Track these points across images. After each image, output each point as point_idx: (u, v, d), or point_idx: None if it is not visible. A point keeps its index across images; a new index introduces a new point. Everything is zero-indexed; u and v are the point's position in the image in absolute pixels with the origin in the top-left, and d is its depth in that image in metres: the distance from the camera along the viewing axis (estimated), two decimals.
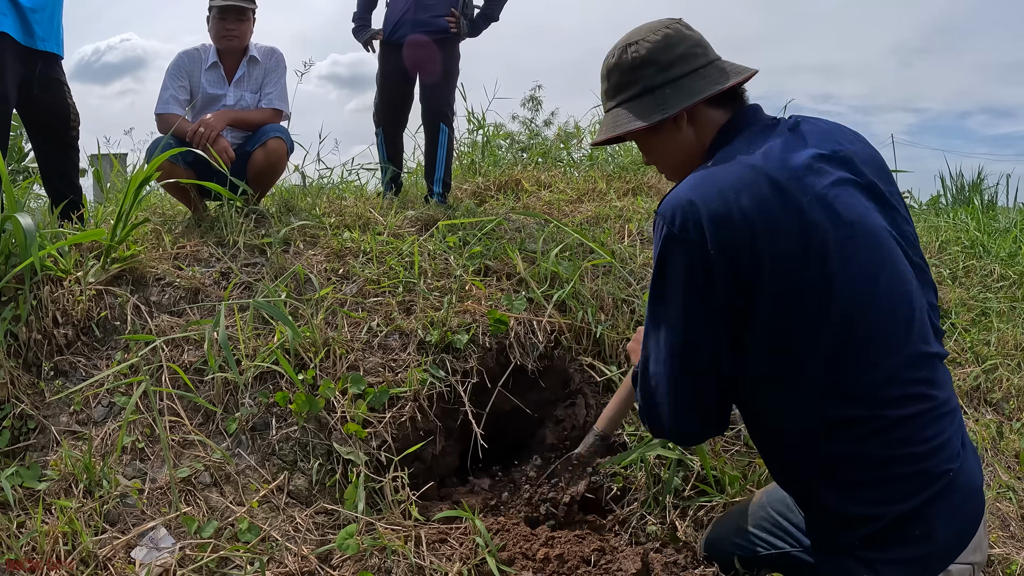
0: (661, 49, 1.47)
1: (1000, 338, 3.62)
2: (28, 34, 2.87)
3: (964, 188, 7.75)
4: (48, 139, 3.09)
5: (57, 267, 2.47)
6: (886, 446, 1.31)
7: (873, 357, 1.32)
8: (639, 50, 1.49)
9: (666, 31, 1.49)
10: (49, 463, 1.99)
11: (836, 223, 1.33)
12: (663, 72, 1.47)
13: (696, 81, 1.46)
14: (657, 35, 1.49)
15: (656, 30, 1.50)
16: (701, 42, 1.51)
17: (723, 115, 1.49)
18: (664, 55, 1.47)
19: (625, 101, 1.52)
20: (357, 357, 2.34)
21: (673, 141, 1.51)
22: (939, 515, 1.31)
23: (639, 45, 1.49)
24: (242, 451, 2.10)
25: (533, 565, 1.79)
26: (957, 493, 1.34)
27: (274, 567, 1.76)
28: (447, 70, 3.79)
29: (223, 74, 3.38)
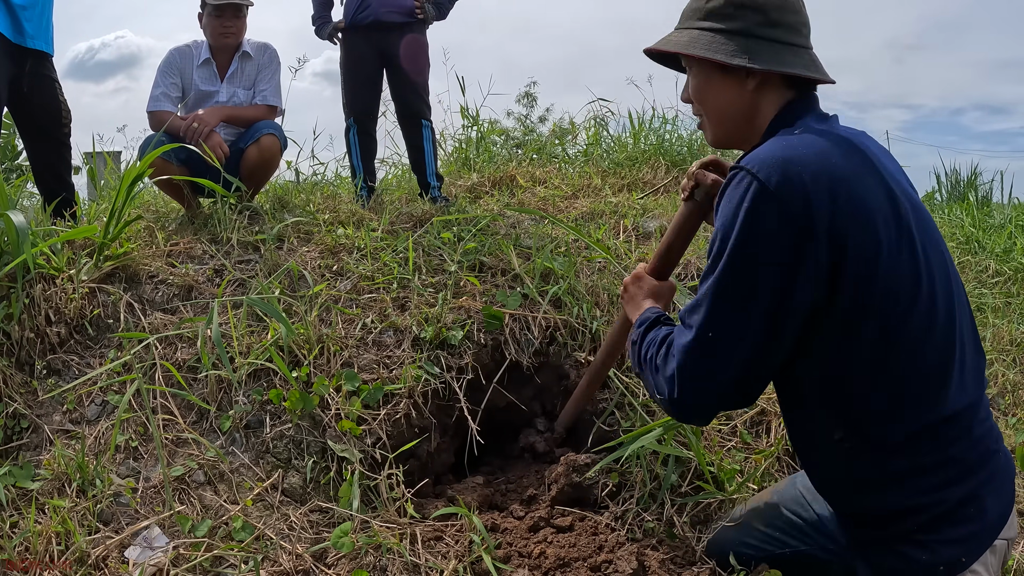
0: (777, 6, 1.40)
1: (995, 334, 3.62)
2: (18, 32, 2.86)
3: (959, 184, 7.76)
4: (39, 136, 3.08)
5: (50, 265, 2.46)
6: (953, 433, 1.31)
7: (954, 351, 1.31)
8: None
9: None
10: (42, 462, 1.98)
11: (912, 204, 1.30)
12: (767, 27, 1.39)
13: (789, 54, 1.39)
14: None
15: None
16: (808, 25, 1.45)
17: (789, 96, 1.42)
18: (776, 13, 1.40)
19: (714, 30, 1.41)
20: (351, 354, 2.33)
21: (735, 94, 1.42)
22: (990, 494, 1.31)
23: None
24: (236, 449, 2.09)
25: (529, 563, 1.79)
26: (1002, 471, 1.35)
27: (268, 566, 1.76)
28: (418, 60, 3.70)
29: (215, 71, 3.36)
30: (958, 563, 1.30)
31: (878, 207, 1.24)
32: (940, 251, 1.33)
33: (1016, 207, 6.86)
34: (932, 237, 1.33)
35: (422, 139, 3.74)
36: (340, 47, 3.74)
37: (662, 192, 4.33)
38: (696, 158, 4.79)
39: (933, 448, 1.30)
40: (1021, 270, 4.47)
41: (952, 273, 1.35)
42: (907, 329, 1.26)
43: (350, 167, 3.84)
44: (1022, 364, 3.55)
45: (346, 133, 3.78)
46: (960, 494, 1.30)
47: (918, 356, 1.28)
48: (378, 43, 3.63)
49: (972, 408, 1.34)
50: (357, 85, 3.71)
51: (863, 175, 1.26)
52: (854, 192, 1.22)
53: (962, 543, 1.30)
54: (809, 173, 1.20)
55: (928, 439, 1.30)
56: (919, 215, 1.32)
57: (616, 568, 1.74)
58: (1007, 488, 1.37)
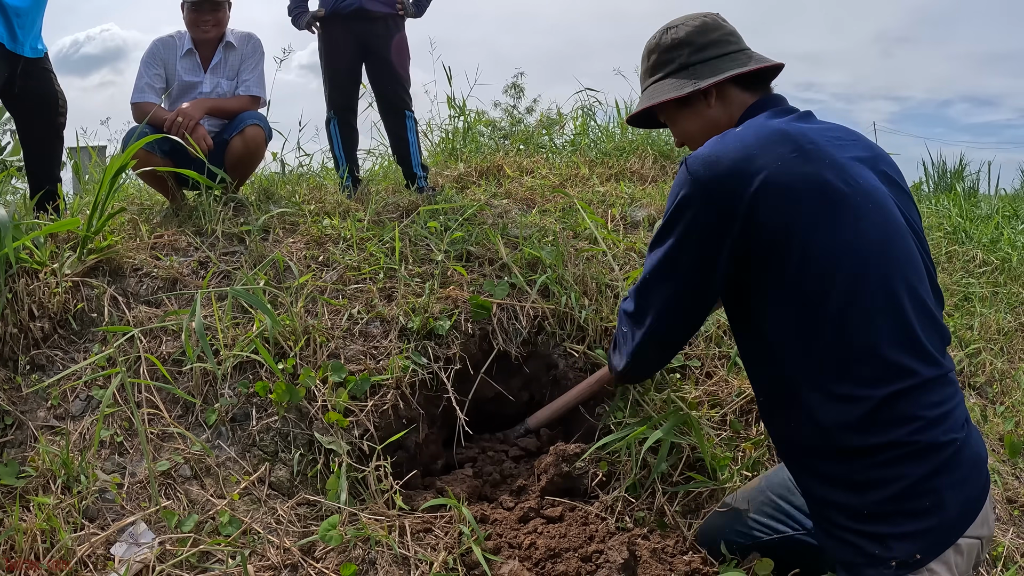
0: (698, 32, 1.62)
1: (983, 323, 3.65)
2: (12, 39, 2.87)
3: (946, 175, 7.80)
4: (35, 125, 3.08)
5: (32, 259, 2.42)
6: (894, 415, 1.31)
7: (881, 320, 1.33)
8: (678, 33, 1.64)
9: (704, 19, 1.65)
10: (27, 459, 1.95)
11: (853, 188, 1.36)
12: (697, 52, 1.61)
13: (727, 62, 1.59)
14: (695, 21, 1.65)
15: (695, 17, 1.67)
16: (734, 32, 1.66)
17: (751, 97, 1.60)
18: (700, 38, 1.62)
19: (662, 77, 1.65)
20: (338, 345, 2.31)
21: (703, 117, 1.62)
22: (947, 486, 1.30)
23: (678, 29, 1.65)
24: (222, 443, 2.07)
25: (520, 553, 1.78)
26: (964, 465, 1.33)
27: (256, 560, 1.74)
28: (402, 53, 3.69)
29: (199, 61, 3.32)
30: (912, 560, 1.28)
31: (805, 191, 1.34)
32: (890, 232, 1.39)
33: (1003, 198, 6.92)
34: (883, 218, 1.38)
35: (406, 130, 3.71)
36: (318, 37, 3.70)
37: (650, 181, 4.33)
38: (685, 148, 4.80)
39: (874, 429, 1.30)
40: (1008, 260, 4.50)
41: (904, 255, 1.38)
42: (828, 304, 1.32)
43: (333, 158, 3.81)
44: (1010, 353, 3.57)
45: (327, 124, 3.75)
46: (908, 482, 1.29)
47: (845, 331, 1.32)
48: (359, 33, 3.59)
49: (919, 391, 1.32)
50: (338, 76, 3.68)
51: (790, 163, 1.36)
52: (772, 179, 1.34)
53: (916, 538, 1.28)
54: (728, 163, 1.37)
55: (866, 418, 1.30)
56: (871, 198, 1.39)
57: (607, 558, 1.73)
58: (973, 481, 1.35)
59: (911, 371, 1.32)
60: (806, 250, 1.33)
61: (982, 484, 1.37)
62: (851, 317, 1.32)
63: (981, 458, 1.39)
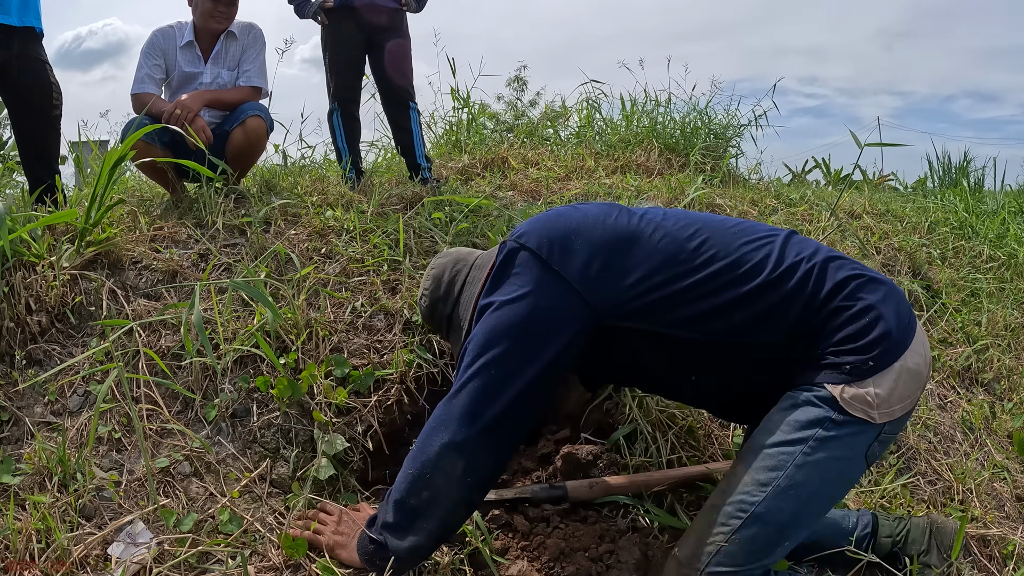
0: (434, 290, 1.86)
1: (990, 319, 3.63)
2: (4, 11, 2.77)
3: (951, 170, 7.78)
4: (29, 116, 3.00)
5: (30, 252, 2.38)
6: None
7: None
8: (423, 301, 1.90)
9: (432, 272, 1.89)
10: (23, 456, 1.90)
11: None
12: (446, 302, 1.85)
13: (468, 290, 1.80)
14: (428, 280, 1.89)
15: (426, 276, 1.90)
16: (457, 258, 1.89)
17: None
18: (439, 292, 1.85)
19: (446, 337, 1.94)
20: (341, 339, 2.27)
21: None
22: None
23: (422, 298, 1.91)
24: (222, 439, 2.03)
25: (528, 554, 1.74)
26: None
27: (257, 560, 1.70)
28: (406, 44, 3.66)
29: (199, 52, 3.27)
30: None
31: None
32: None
33: (1008, 194, 6.90)
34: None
35: (410, 121, 3.68)
36: (323, 28, 3.65)
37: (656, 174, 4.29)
38: (689, 142, 4.76)
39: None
40: (1014, 256, 4.48)
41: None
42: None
43: (335, 150, 3.77)
44: (1017, 349, 3.55)
45: (329, 116, 3.71)
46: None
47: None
48: (365, 25, 3.56)
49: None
50: (343, 67, 3.64)
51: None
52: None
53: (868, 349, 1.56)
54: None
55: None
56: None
57: (619, 558, 1.69)
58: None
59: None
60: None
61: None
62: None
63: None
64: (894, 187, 7.76)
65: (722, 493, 1.54)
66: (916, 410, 2.78)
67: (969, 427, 2.91)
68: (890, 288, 1.61)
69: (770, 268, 1.57)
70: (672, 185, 3.80)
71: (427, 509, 1.52)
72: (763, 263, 1.58)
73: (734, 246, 1.60)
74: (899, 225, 4.42)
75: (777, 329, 1.55)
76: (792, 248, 1.62)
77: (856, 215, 4.28)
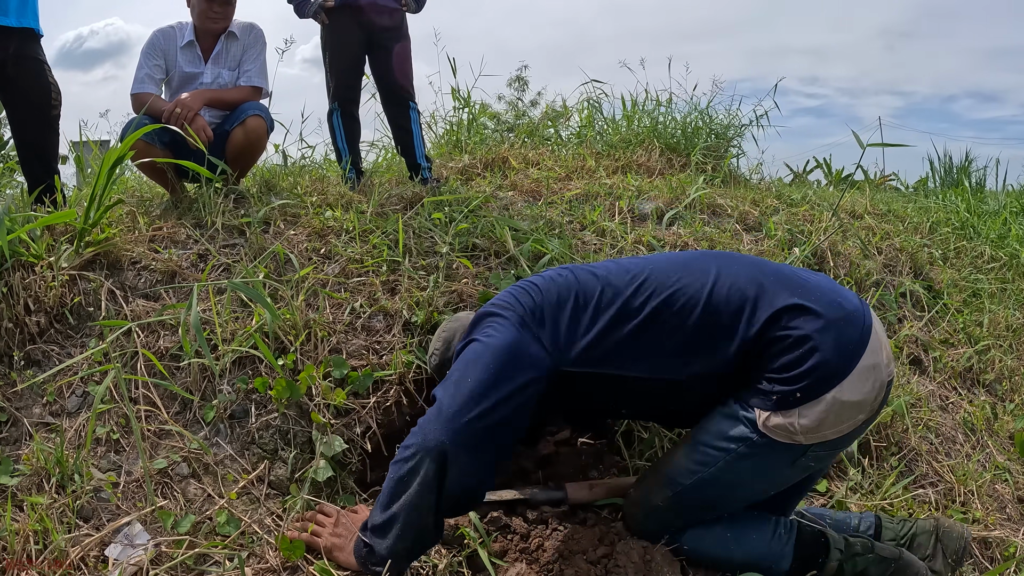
0: (444, 351, 1.96)
1: (992, 319, 3.63)
2: (2, 12, 2.76)
3: (952, 170, 7.77)
4: (28, 117, 2.99)
5: (29, 252, 2.37)
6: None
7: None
8: (434, 359, 2.00)
9: (443, 335, 1.99)
10: (21, 457, 1.90)
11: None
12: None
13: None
14: (439, 342, 2.00)
15: (437, 338, 2.02)
16: (465, 323, 1.94)
17: None
18: (448, 353, 1.93)
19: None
20: (340, 339, 2.27)
21: None
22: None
23: (432, 356, 2.01)
24: (220, 440, 2.02)
25: (527, 557, 1.73)
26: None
27: (254, 562, 1.69)
28: (406, 45, 3.66)
29: (199, 52, 3.27)
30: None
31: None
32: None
33: (1010, 194, 6.89)
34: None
35: (409, 121, 3.68)
36: (323, 27, 3.64)
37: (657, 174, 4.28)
38: (691, 141, 4.75)
39: None
40: (1016, 256, 4.48)
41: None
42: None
43: (335, 150, 3.76)
44: (1018, 350, 3.55)
45: (329, 116, 3.70)
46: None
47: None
48: (366, 25, 3.55)
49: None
50: (343, 67, 3.63)
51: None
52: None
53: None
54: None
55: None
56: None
57: (617, 562, 1.69)
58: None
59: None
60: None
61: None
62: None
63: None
64: (895, 187, 7.76)
65: (664, 464, 1.81)
66: (917, 411, 2.77)
67: (971, 428, 2.90)
68: (831, 320, 1.62)
69: (703, 304, 1.67)
70: (673, 185, 3.78)
71: (403, 513, 1.58)
72: (696, 299, 1.68)
73: (669, 283, 1.72)
74: (901, 225, 4.42)
75: (713, 360, 1.67)
76: (725, 280, 1.70)
77: (858, 215, 4.27)
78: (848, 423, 1.64)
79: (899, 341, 3.14)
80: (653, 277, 1.74)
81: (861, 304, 1.71)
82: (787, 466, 1.70)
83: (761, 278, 1.71)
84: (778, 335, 1.62)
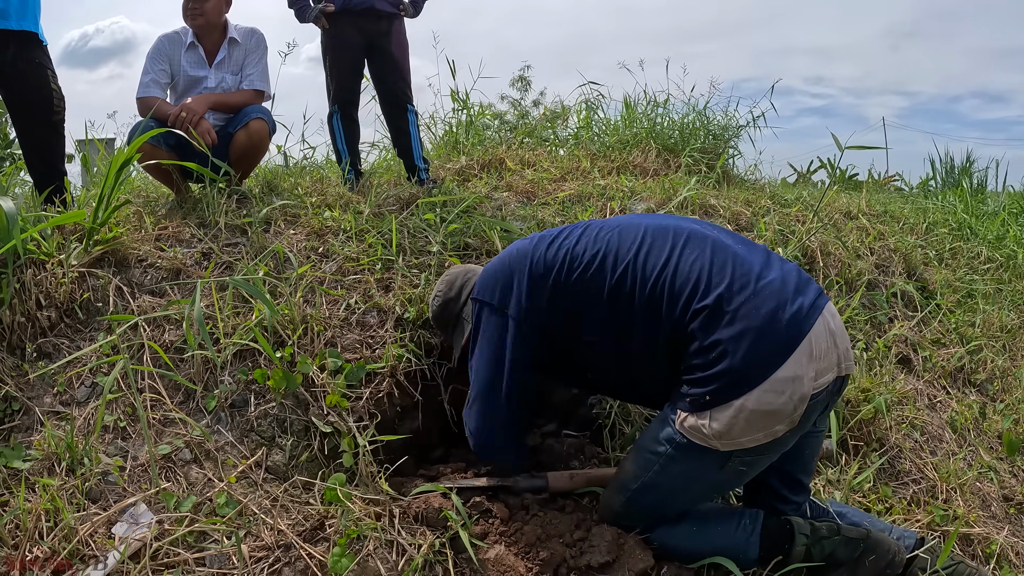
0: (447, 292, 2.18)
1: (985, 320, 3.63)
2: (2, 16, 2.76)
3: (954, 171, 7.75)
4: (30, 123, 3.00)
5: (40, 250, 2.48)
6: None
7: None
8: (436, 301, 2.21)
9: (446, 279, 2.22)
10: (33, 443, 2.01)
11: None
12: (456, 302, 2.16)
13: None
14: (442, 284, 2.21)
15: (440, 282, 2.23)
16: (468, 269, 2.21)
17: None
18: (451, 293, 2.17)
19: (450, 336, 2.23)
20: (335, 334, 2.36)
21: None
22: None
23: (435, 299, 2.22)
24: (221, 428, 2.13)
25: (507, 539, 1.82)
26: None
27: (251, 540, 1.79)
28: (404, 48, 3.74)
29: (203, 55, 3.36)
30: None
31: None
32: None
33: (1010, 195, 6.86)
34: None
35: (408, 124, 3.75)
36: (323, 32, 3.73)
37: (651, 175, 4.33)
38: (688, 143, 4.80)
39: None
40: (1013, 257, 4.47)
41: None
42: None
43: (335, 152, 3.85)
44: (1012, 350, 3.56)
45: (329, 119, 3.78)
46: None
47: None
48: (365, 29, 3.63)
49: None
50: (344, 71, 3.71)
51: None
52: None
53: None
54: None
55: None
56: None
57: (591, 544, 1.77)
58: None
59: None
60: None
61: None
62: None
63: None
64: (899, 188, 7.75)
65: (620, 470, 1.93)
66: (902, 409, 2.80)
67: (956, 428, 2.92)
68: (750, 327, 1.63)
69: (649, 287, 1.74)
70: (665, 186, 3.84)
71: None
72: (645, 280, 1.75)
73: (625, 260, 1.80)
74: (896, 226, 4.42)
75: (650, 339, 1.76)
76: (685, 260, 1.76)
77: (852, 215, 4.29)
78: (763, 432, 1.65)
79: (888, 341, 3.16)
80: (612, 253, 1.83)
81: (808, 310, 1.68)
82: (716, 471, 1.75)
83: (712, 263, 1.74)
84: (696, 333, 1.67)
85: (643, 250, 1.80)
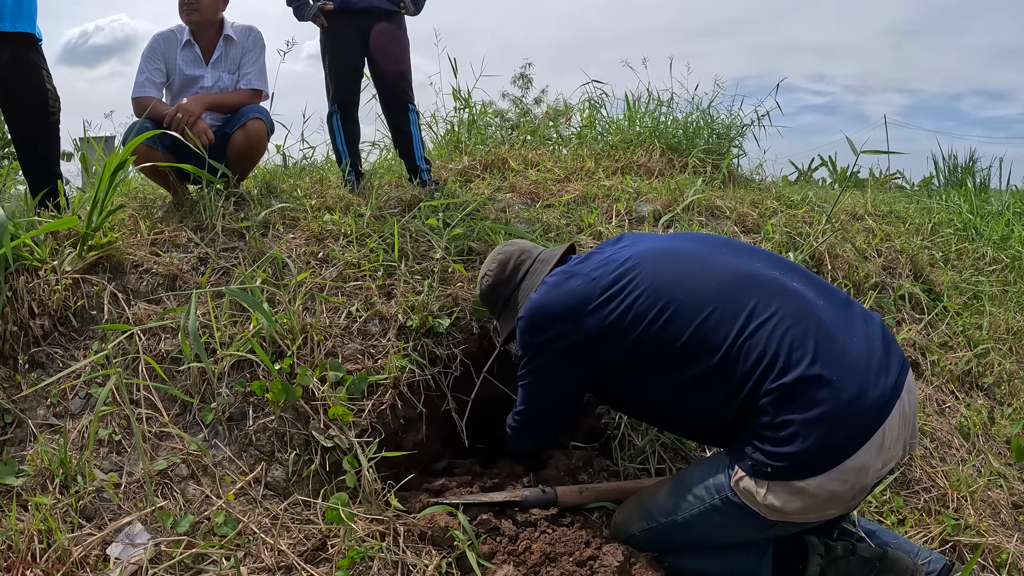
0: (499, 272, 2.13)
1: (992, 322, 3.60)
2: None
3: (956, 170, 7.72)
4: (24, 124, 2.97)
5: (32, 256, 2.42)
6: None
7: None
8: (486, 280, 2.16)
9: (499, 257, 2.16)
10: (26, 458, 1.95)
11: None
12: (508, 285, 2.12)
13: (529, 279, 2.07)
14: (493, 263, 2.15)
15: (492, 260, 2.17)
16: (523, 248, 2.16)
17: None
18: (504, 274, 2.12)
19: (499, 316, 2.19)
20: (335, 343, 2.30)
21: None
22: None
23: (484, 278, 2.17)
24: (219, 442, 2.07)
25: (515, 559, 1.77)
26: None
27: (250, 562, 1.74)
28: (404, 46, 3.68)
29: (199, 53, 3.29)
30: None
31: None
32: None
33: (1014, 194, 6.82)
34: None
35: (409, 123, 3.69)
36: (323, 31, 3.66)
37: (656, 175, 4.27)
38: (692, 142, 4.73)
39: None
40: (1018, 258, 4.44)
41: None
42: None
43: (335, 152, 3.78)
44: (1019, 353, 3.53)
45: (329, 119, 3.72)
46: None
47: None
48: (365, 28, 3.57)
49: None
50: (343, 71, 3.65)
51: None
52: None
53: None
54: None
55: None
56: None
57: (602, 563, 1.72)
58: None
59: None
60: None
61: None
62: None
63: None
64: (900, 186, 7.71)
65: (651, 495, 1.88)
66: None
67: (966, 433, 2.90)
68: (827, 413, 1.54)
69: (721, 355, 1.64)
70: (671, 187, 3.78)
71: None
72: (717, 347, 1.64)
73: (696, 320, 1.68)
74: (902, 227, 4.38)
75: (711, 409, 1.70)
76: (763, 330, 1.63)
77: (858, 216, 4.25)
78: (815, 514, 1.61)
79: None
80: (681, 311, 1.70)
81: (889, 395, 1.59)
82: (756, 531, 1.71)
83: (795, 327, 1.62)
84: (768, 407, 1.58)
85: (714, 315, 1.67)
